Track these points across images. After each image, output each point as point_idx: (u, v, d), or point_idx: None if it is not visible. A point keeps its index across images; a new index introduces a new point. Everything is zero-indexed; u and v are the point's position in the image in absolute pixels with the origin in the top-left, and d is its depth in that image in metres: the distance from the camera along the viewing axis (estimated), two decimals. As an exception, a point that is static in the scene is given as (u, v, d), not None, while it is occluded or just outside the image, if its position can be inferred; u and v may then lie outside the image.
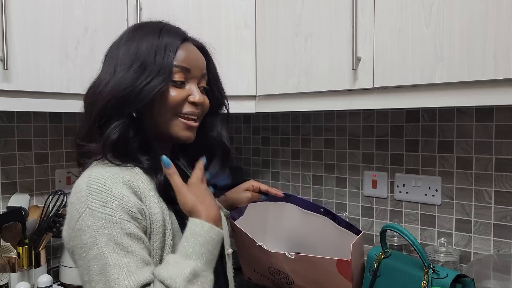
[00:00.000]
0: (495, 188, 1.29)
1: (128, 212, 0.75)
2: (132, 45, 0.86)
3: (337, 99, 1.26)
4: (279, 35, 1.38)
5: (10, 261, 1.28)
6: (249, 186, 1.18)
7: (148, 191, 0.81)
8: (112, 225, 0.73)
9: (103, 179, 0.76)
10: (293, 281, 1.31)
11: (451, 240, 1.37)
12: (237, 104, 1.45)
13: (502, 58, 0.96)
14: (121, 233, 0.73)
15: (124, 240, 0.73)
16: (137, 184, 0.79)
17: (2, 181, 1.45)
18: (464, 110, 1.34)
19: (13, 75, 1.13)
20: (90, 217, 0.73)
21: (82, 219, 0.74)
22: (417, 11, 1.08)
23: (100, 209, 0.73)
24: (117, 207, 0.74)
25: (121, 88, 0.81)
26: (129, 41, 0.87)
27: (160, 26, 0.90)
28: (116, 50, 0.88)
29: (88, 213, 0.73)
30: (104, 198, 0.74)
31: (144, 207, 0.78)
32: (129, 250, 0.72)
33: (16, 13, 1.13)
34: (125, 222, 0.74)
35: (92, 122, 0.83)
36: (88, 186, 0.76)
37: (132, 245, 0.73)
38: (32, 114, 1.52)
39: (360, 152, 1.58)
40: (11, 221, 1.32)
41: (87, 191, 0.75)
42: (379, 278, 1.23)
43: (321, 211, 1.32)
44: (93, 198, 0.74)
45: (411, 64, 1.09)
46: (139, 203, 0.77)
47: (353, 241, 1.19)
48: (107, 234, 0.72)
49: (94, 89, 0.85)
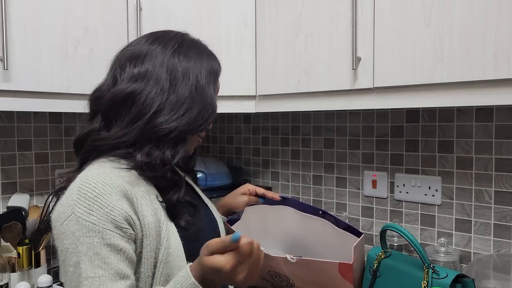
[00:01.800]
0: (495, 188, 1.29)
1: (112, 221, 0.75)
2: (191, 63, 0.90)
3: (337, 99, 1.26)
4: (279, 35, 1.38)
5: (10, 261, 1.28)
6: (245, 190, 1.17)
7: (141, 193, 0.81)
8: (94, 234, 0.74)
9: (94, 184, 0.77)
10: (293, 283, 1.31)
11: (451, 240, 1.37)
12: (237, 104, 1.45)
13: (502, 58, 0.96)
14: (101, 243, 0.73)
15: (103, 251, 0.73)
16: (129, 187, 0.79)
17: (2, 181, 1.45)
18: (464, 110, 1.34)
19: (13, 75, 1.13)
20: (74, 223, 0.74)
21: (66, 223, 0.75)
22: (417, 11, 1.08)
23: (85, 216, 0.74)
24: (102, 215, 0.75)
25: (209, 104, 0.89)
26: (187, 57, 0.90)
27: (199, 45, 0.94)
28: (168, 61, 0.88)
29: (73, 219, 0.74)
30: (90, 205, 0.75)
31: (131, 215, 0.78)
32: (106, 261, 0.73)
33: (16, 13, 1.13)
34: (107, 231, 0.74)
35: (140, 131, 0.84)
36: (79, 190, 0.76)
37: (109, 257, 0.74)
38: (32, 114, 1.52)
39: (360, 152, 1.58)
40: (11, 221, 1.32)
41: (77, 195, 0.76)
42: (379, 278, 1.23)
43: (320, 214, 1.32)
44: (80, 204, 0.75)
45: (411, 64, 1.09)
46: (127, 210, 0.77)
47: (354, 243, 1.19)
48: (87, 243, 0.73)
49: (146, 95, 0.85)
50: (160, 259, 0.81)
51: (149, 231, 0.79)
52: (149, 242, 0.79)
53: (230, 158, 2.04)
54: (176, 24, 1.41)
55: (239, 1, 1.45)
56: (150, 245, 0.79)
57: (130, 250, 0.77)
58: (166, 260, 0.81)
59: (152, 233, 0.80)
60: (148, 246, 0.79)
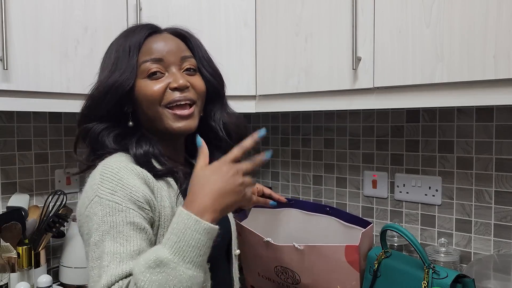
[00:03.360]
0: (495, 188, 1.29)
1: (135, 202, 0.76)
2: (109, 51, 0.92)
3: (337, 99, 1.26)
4: (279, 35, 1.38)
5: (10, 261, 1.28)
6: (253, 189, 1.18)
7: (160, 185, 0.82)
8: (117, 213, 0.74)
9: (116, 169, 0.78)
10: (299, 279, 1.30)
11: (451, 240, 1.37)
12: (237, 104, 1.44)
13: (502, 58, 0.96)
14: (124, 221, 0.74)
15: (125, 229, 0.73)
16: (150, 176, 0.81)
17: (2, 181, 1.45)
18: (464, 110, 1.34)
19: (13, 75, 1.13)
20: (98, 205, 0.75)
21: (90, 206, 0.76)
22: (417, 11, 1.08)
23: (109, 196, 0.75)
24: (125, 196, 0.76)
25: (98, 89, 0.88)
26: (111, 45, 0.93)
27: (130, 28, 0.95)
28: (104, 55, 0.94)
29: (97, 200, 0.75)
30: (114, 186, 0.76)
31: (153, 199, 0.79)
32: (128, 239, 0.73)
33: (16, 13, 1.13)
34: (130, 211, 0.75)
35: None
36: (101, 174, 0.78)
37: (132, 235, 0.74)
38: (32, 114, 1.51)
39: (360, 152, 1.58)
40: (11, 221, 1.32)
41: (100, 179, 0.77)
42: (380, 278, 1.23)
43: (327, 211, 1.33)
44: (103, 186, 0.76)
45: (411, 64, 1.09)
46: (149, 194, 0.78)
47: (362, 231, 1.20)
48: (110, 222, 0.74)
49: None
50: None
51: (165, 223, 0.80)
52: (163, 233, 0.80)
53: (230, 158, 2.04)
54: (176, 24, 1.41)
55: (239, 1, 1.44)
56: (163, 235, 0.79)
57: (151, 231, 0.78)
58: None
59: (167, 225, 0.80)
60: (161, 237, 0.80)
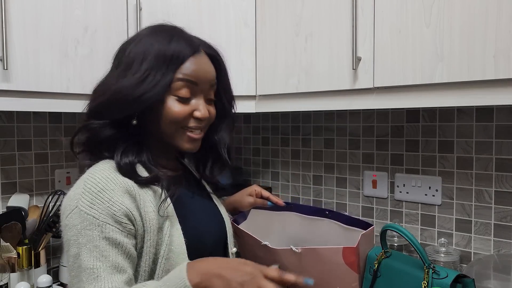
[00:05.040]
0: (495, 188, 1.29)
1: (113, 215, 0.77)
2: (140, 48, 0.84)
3: (337, 99, 1.26)
4: (279, 35, 1.38)
5: (10, 261, 1.28)
6: (251, 191, 1.19)
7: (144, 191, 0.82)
8: (94, 227, 0.75)
9: (98, 179, 0.79)
10: None
11: (451, 240, 1.37)
12: (237, 104, 1.45)
13: (502, 58, 0.96)
14: (100, 236, 0.75)
15: (101, 244, 0.75)
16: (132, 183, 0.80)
17: (2, 181, 1.45)
18: (464, 110, 1.34)
19: (13, 75, 1.13)
20: (77, 216, 0.76)
21: (70, 216, 0.77)
22: (417, 11, 1.08)
23: (87, 209, 0.76)
24: (102, 209, 0.76)
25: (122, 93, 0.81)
26: (140, 43, 0.85)
27: (173, 32, 0.88)
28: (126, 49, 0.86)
29: (77, 211, 0.77)
30: (93, 199, 0.77)
31: (132, 211, 0.78)
32: (103, 254, 0.75)
33: (16, 13, 1.13)
34: (107, 225, 0.76)
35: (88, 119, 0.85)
36: (85, 184, 0.79)
37: (107, 250, 0.75)
38: (32, 114, 1.51)
39: (360, 152, 1.58)
40: (11, 221, 1.32)
41: (82, 189, 0.78)
42: (379, 278, 1.23)
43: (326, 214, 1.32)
44: (84, 197, 0.77)
45: (411, 64, 1.09)
46: (128, 206, 0.78)
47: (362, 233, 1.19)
48: (87, 236, 0.75)
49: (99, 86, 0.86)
50: (161, 255, 0.81)
51: (151, 227, 0.80)
52: (150, 238, 0.80)
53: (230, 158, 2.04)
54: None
55: (239, 1, 1.44)
56: (150, 240, 0.80)
57: (129, 245, 0.78)
58: (167, 256, 0.82)
59: (154, 229, 0.80)
60: (148, 242, 0.80)
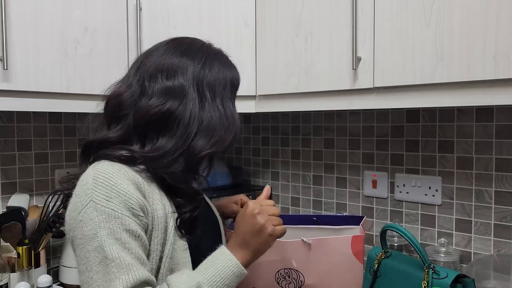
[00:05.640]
0: (495, 188, 1.29)
1: (130, 208, 0.76)
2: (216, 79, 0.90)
3: (337, 99, 1.26)
4: (279, 35, 1.38)
5: (10, 261, 1.28)
6: (237, 200, 1.18)
7: (151, 188, 0.83)
8: (113, 219, 0.74)
9: (109, 174, 0.78)
10: (303, 280, 1.30)
11: (451, 240, 1.37)
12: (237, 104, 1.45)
13: (502, 58, 0.96)
14: (121, 228, 0.74)
15: (123, 236, 0.74)
16: (141, 180, 0.81)
17: (2, 181, 1.45)
18: (464, 110, 1.34)
19: (13, 75, 1.13)
20: (93, 210, 0.75)
21: (85, 211, 0.76)
22: (417, 11, 1.08)
23: (104, 203, 0.75)
24: (120, 202, 0.76)
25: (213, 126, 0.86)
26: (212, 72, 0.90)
27: (226, 60, 0.95)
28: (197, 76, 0.88)
29: (92, 206, 0.75)
30: (108, 192, 0.76)
31: (146, 204, 0.79)
32: (126, 246, 0.74)
33: (16, 13, 1.13)
34: (126, 218, 0.75)
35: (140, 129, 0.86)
36: (94, 179, 0.77)
37: (129, 242, 0.75)
38: (32, 114, 1.51)
39: (360, 152, 1.58)
40: (11, 221, 1.32)
41: (93, 184, 0.77)
42: (379, 278, 1.23)
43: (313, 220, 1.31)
44: (98, 191, 0.76)
45: (411, 64, 1.09)
46: (142, 200, 0.79)
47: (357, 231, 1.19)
48: (108, 228, 0.74)
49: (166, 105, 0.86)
50: (166, 253, 0.82)
51: (158, 225, 0.81)
52: (157, 235, 0.81)
53: (230, 158, 2.04)
54: (176, 24, 1.41)
55: (239, 1, 1.44)
56: (157, 238, 0.81)
57: (145, 237, 0.79)
58: (171, 255, 0.83)
59: (161, 227, 0.81)
60: (155, 239, 0.81)
